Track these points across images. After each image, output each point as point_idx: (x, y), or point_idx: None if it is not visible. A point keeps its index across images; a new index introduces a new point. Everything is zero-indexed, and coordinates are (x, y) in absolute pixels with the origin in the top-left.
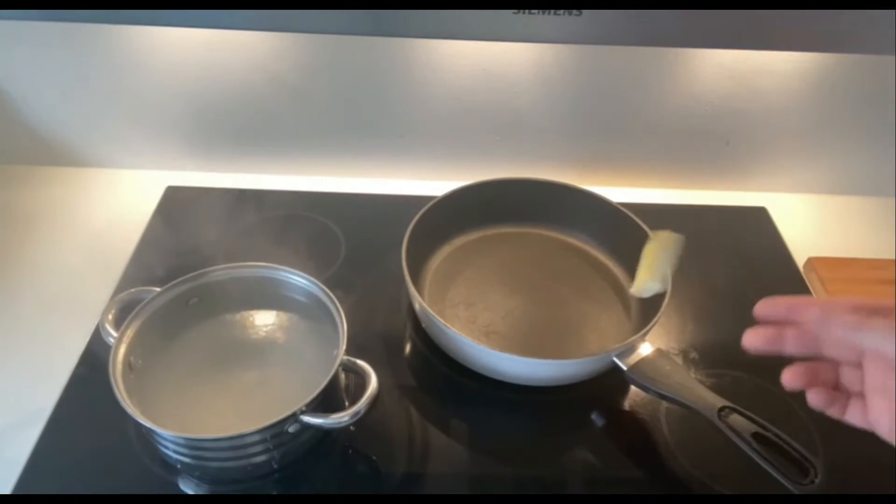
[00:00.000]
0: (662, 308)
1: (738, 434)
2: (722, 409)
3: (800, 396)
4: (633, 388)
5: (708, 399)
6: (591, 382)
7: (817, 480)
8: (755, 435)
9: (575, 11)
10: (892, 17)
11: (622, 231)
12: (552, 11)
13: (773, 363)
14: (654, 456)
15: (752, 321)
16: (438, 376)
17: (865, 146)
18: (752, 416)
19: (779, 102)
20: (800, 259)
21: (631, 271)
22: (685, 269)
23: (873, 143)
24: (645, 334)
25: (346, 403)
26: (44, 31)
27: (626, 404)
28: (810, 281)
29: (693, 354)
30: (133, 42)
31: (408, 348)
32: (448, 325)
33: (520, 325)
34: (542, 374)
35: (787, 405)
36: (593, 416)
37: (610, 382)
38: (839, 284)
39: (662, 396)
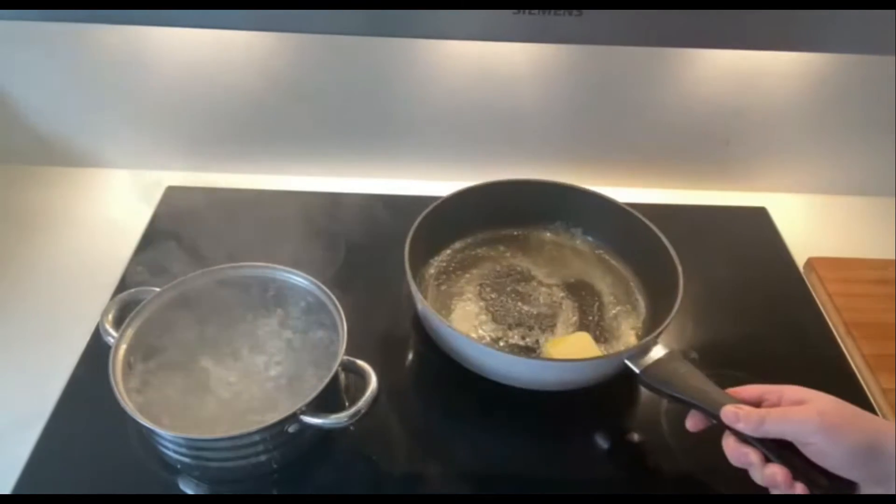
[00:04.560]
0: (675, 309)
1: (761, 441)
2: None
3: None
4: (632, 388)
5: (726, 403)
6: (606, 387)
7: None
8: (777, 442)
9: (575, 11)
10: (892, 17)
11: (630, 231)
12: (552, 11)
13: (774, 363)
14: (654, 456)
15: (751, 322)
16: (439, 377)
17: (865, 146)
18: None
19: (779, 102)
20: (800, 259)
21: (639, 272)
22: (685, 268)
23: (873, 143)
24: (658, 335)
25: (346, 403)
26: (44, 31)
27: (643, 410)
28: (810, 281)
29: (692, 354)
30: (133, 42)
31: (408, 348)
32: (452, 326)
33: (525, 328)
34: (551, 377)
35: None
36: (608, 422)
37: (626, 387)
38: (839, 284)
39: (678, 400)
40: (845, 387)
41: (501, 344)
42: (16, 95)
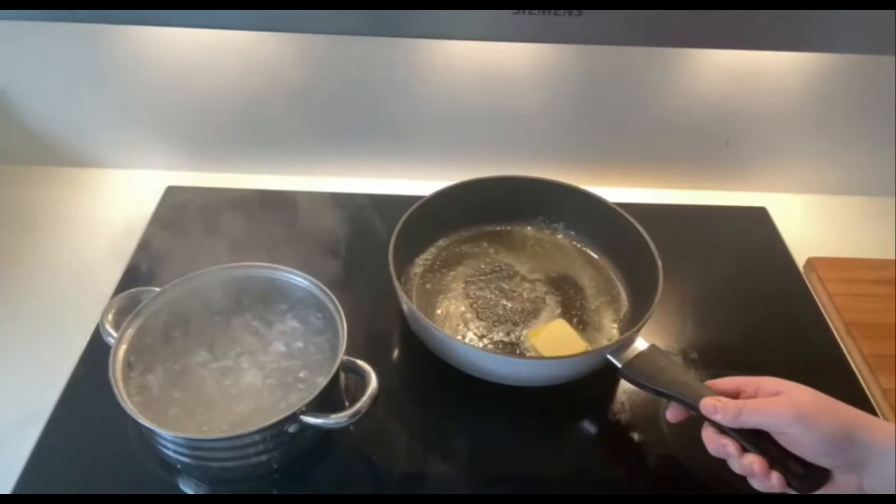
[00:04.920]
0: (655, 303)
1: (738, 431)
2: None
3: None
4: (632, 386)
5: (706, 395)
6: (589, 381)
7: (817, 479)
8: (754, 432)
9: (575, 11)
10: (892, 17)
11: (610, 225)
12: (552, 11)
13: (774, 363)
14: (654, 456)
15: (751, 322)
16: (438, 377)
17: (865, 146)
18: None
19: (779, 102)
20: (800, 259)
21: (621, 264)
22: (686, 268)
23: (873, 143)
24: (638, 330)
25: (346, 403)
26: (44, 31)
27: (625, 403)
28: (810, 281)
29: (693, 354)
30: (133, 42)
31: (408, 348)
32: (435, 326)
33: (510, 324)
34: (534, 374)
35: None
36: (592, 416)
37: (608, 381)
38: (839, 284)
39: (660, 393)
40: (845, 387)
41: (486, 341)
42: (16, 95)
